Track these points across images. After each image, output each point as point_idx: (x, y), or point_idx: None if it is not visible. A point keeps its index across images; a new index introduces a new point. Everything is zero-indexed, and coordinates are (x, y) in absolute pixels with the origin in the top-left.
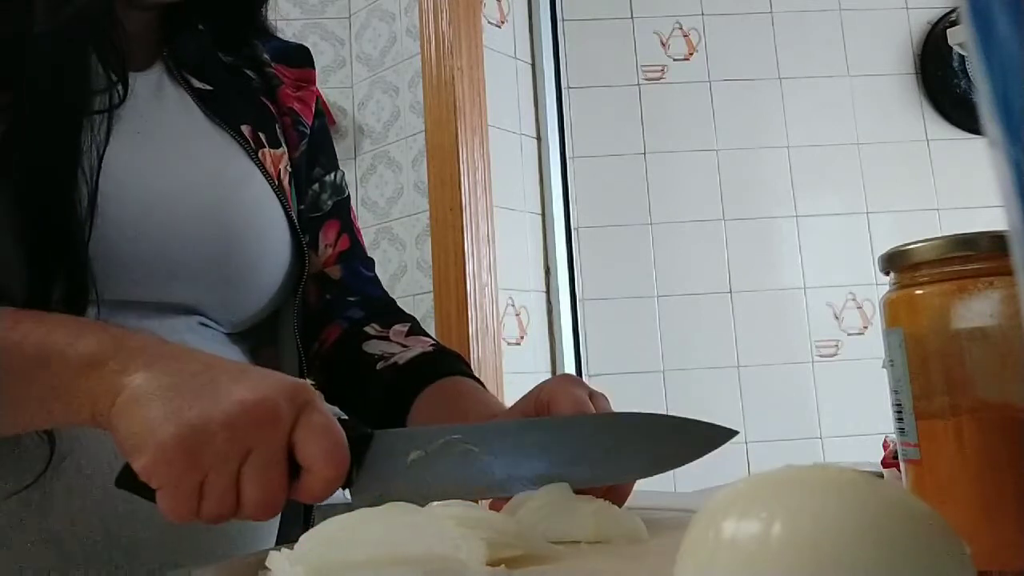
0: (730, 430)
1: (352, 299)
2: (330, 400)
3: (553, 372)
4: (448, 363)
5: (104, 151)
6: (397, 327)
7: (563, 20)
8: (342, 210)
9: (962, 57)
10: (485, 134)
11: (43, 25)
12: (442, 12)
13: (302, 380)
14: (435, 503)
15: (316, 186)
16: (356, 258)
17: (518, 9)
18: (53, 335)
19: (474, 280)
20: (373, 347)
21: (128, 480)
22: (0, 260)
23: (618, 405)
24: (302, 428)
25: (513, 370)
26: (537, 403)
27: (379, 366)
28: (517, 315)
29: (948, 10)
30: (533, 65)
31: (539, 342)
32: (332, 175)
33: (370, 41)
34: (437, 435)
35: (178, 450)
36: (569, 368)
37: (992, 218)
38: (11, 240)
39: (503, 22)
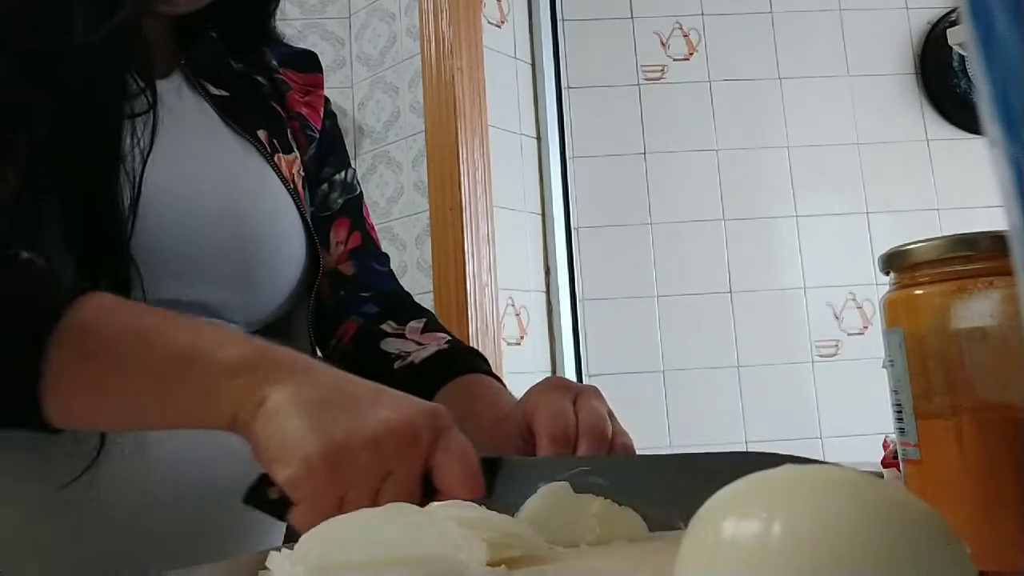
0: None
1: (365, 295)
2: None
3: (553, 372)
4: (464, 361)
5: (148, 154)
6: (413, 323)
7: (563, 20)
8: (352, 208)
9: (962, 57)
10: (485, 134)
11: (83, 38)
12: (442, 12)
13: (439, 405)
14: (435, 503)
15: (325, 186)
16: (368, 254)
17: (518, 9)
18: (200, 337)
19: (474, 280)
20: (390, 345)
21: (257, 496)
22: (52, 255)
23: (618, 405)
24: (441, 451)
25: (513, 370)
26: (524, 413)
27: (396, 365)
28: (517, 315)
29: (948, 10)
30: (533, 65)
31: (539, 342)
32: (342, 173)
33: (370, 41)
34: (566, 466)
35: (323, 463)
36: (569, 368)
37: (992, 218)
38: (60, 239)
39: (503, 22)
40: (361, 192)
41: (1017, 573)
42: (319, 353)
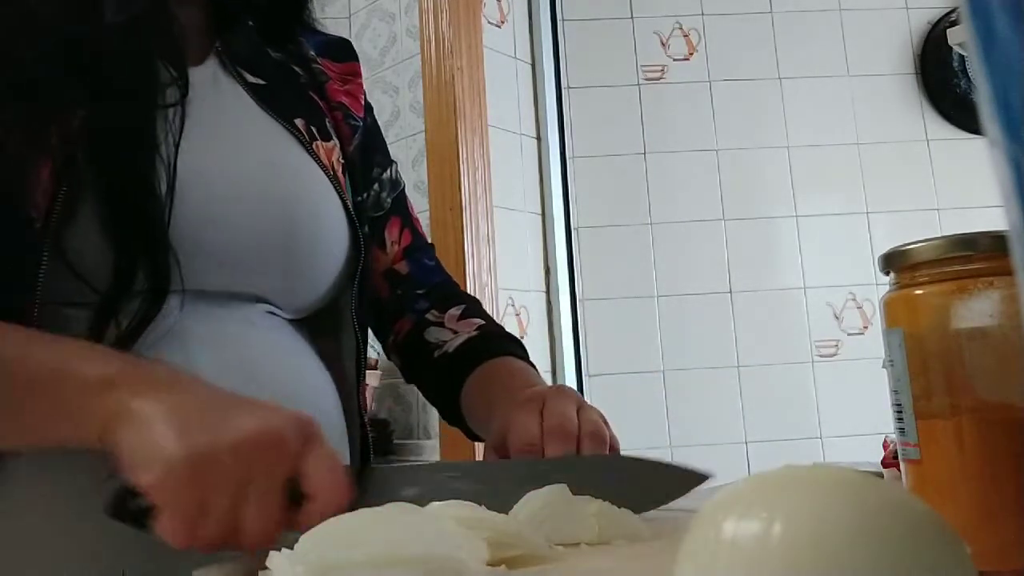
0: (703, 474)
1: (420, 291)
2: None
3: (553, 372)
4: (491, 346)
5: (180, 139)
6: (452, 311)
7: (563, 20)
8: (400, 204)
9: (962, 57)
10: (485, 134)
11: (112, 19)
12: (442, 12)
13: (307, 415)
14: (435, 503)
15: (376, 186)
16: (419, 250)
17: (518, 9)
18: (65, 355)
19: (474, 280)
20: (432, 335)
21: (121, 508)
22: (87, 248)
23: (618, 405)
24: (310, 459)
25: None
26: (499, 430)
27: (435, 355)
28: (517, 315)
29: (948, 10)
30: (533, 65)
31: (539, 342)
32: (388, 171)
33: (370, 41)
34: (434, 471)
35: (185, 466)
36: (569, 368)
37: (992, 218)
38: (97, 228)
39: (503, 22)
40: (403, 185)
41: (1017, 573)
42: (363, 343)
